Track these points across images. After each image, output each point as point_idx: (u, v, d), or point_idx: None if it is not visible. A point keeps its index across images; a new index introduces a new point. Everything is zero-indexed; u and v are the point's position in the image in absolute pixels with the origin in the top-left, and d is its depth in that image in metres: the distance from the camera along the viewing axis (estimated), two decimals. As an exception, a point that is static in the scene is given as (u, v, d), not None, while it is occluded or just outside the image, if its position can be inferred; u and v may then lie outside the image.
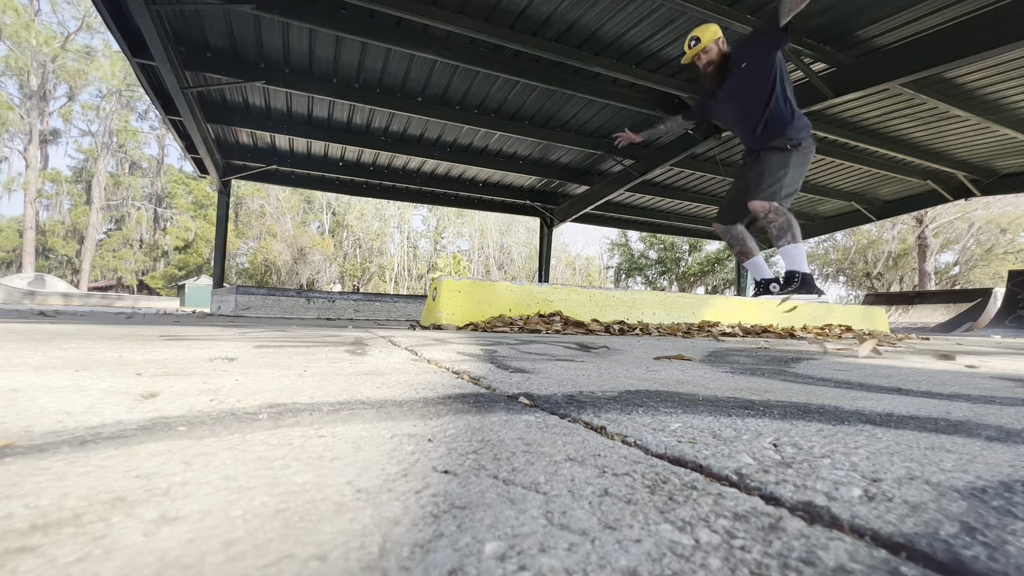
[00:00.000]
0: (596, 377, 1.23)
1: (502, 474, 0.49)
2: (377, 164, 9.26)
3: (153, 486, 0.44)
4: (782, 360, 1.87)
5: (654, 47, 5.39)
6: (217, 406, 0.77)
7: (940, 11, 4.57)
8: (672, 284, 32.81)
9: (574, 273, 47.65)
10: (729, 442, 0.64)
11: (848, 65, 5.22)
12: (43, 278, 20.73)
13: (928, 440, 0.67)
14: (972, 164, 8.35)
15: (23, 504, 0.39)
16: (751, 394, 1.04)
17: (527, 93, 6.64)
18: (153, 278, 35.44)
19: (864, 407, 0.92)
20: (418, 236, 46.79)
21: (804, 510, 0.43)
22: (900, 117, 6.76)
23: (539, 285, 3.97)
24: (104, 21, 4.66)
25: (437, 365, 1.39)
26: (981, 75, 5.56)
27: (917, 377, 1.42)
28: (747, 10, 4.59)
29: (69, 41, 30.46)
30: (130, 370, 1.10)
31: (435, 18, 4.73)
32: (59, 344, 1.58)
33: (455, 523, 0.38)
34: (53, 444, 0.55)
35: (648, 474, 0.51)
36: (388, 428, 0.67)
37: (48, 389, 0.86)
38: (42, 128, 31.07)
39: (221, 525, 0.36)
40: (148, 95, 6.18)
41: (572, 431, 0.69)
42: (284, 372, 1.15)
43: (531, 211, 11.47)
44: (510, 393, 0.97)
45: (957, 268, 25.73)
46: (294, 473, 0.48)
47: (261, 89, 6.44)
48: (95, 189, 32.76)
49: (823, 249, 28.68)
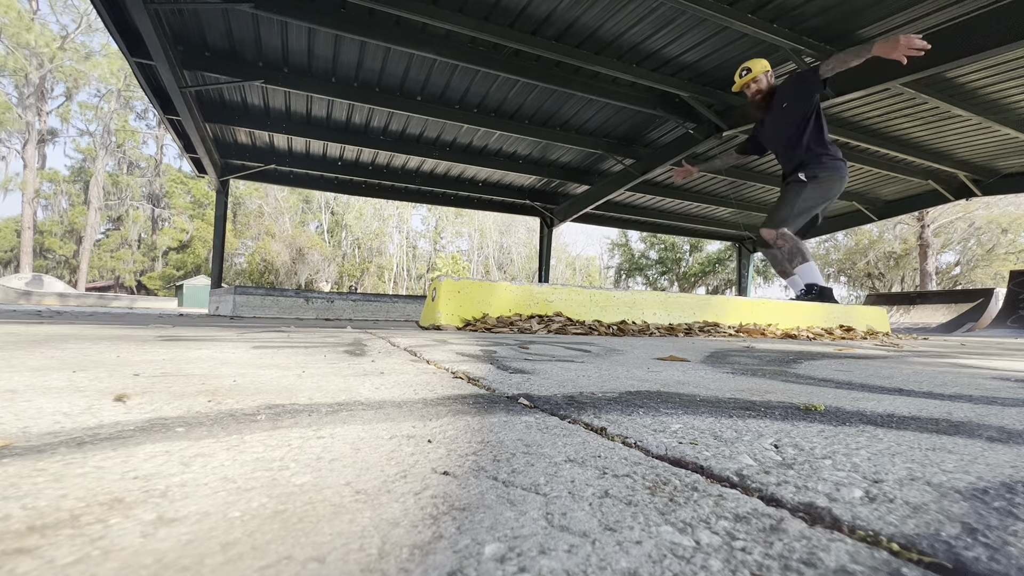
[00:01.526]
0: (596, 378, 1.23)
1: (502, 475, 0.49)
2: (376, 163, 9.26)
3: (151, 487, 0.44)
4: (783, 361, 1.87)
5: (654, 46, 5.39)
6: (215, 407, 0.77)
7: (940, 11, 4.57)
8: (673, 284, 32.82)
9: (574, 273, 47.66)
10: (730, 443, 0.64)
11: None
12: (40, 278, 20.72)
13: (929, 441, 0.67)
14: (973, 164, 8.36)
15: (20, 505, 0.39)
16: (752, 395, 1.04)
17: (527, 92, 6.64)
18: (151, 278, 35.42)
19: (865, 408, 0.92)
20: (417, 236, 46.83)
21: (805, 511, 0.42)
22: (901, 117, 6.76)
23: (539, 285, 3.97)
24: (102, 20, 4.65)
25: (436, 366, 1.39)
26: (982, 75, 5.56)
27: (918, 377, 1.42)
28: (747, 10, 4.59)
29: (68, 41, 30.43)
30: (128, 371, 1.10)
31: (434, 17, 4.73)
32: (57, 345, 1.57)
33: (454, 524, 0.38)
34: (51, 445, 0.55)
35: (649, 475, 0.51)
36: (387, 429, 0.67)
37: (46, 390, 0.85)
38: (40, 128, 31.04)
39: (219, 526, 0.36)
40: (146, 94, 6.17)
41: (572, 432, 0.68)
42: (282, 373, 1.15)
43: (531, 211, 11.47)
44: (510, 394, 0.97)
45: (958, 268, 25.75)
46: (292, 474, 0.48)
47: (260, 88, 6.43)
48: (93, 189, 32.75)
49: (824, 249, 28.69)
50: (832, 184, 4.14)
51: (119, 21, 4.78)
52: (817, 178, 4.10)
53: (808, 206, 4.16)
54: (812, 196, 4.13)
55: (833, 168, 4.12)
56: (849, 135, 7.14)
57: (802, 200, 4.12)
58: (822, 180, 4.11)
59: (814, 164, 4.12)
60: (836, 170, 4.14)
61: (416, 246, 46.16)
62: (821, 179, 4.10)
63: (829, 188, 4.14)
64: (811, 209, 4.19)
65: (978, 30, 4.38)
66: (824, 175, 4.11)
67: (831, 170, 4.12)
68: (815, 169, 4.11)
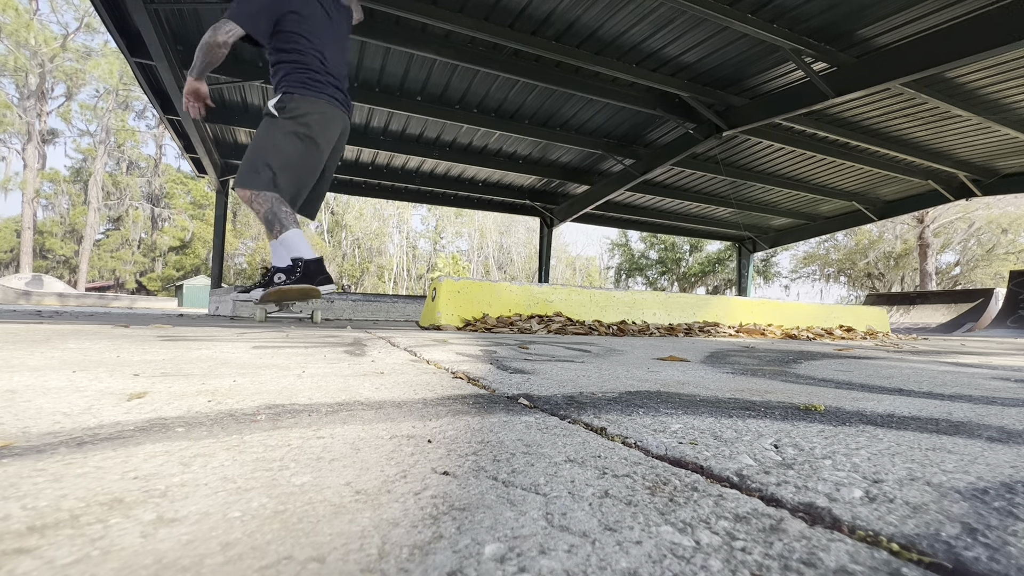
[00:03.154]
0: (596, 378, 1.23)
1: (502, 475, 0.49)
2: (376, 163, 9.26)
3: (151, 487, 0.44)
4: (783, 361, 1.87)
5: (654, 46, 5.39)
6: (215, 407, 0.77)
7: (941, 11, 4.57)
8: (673, 284, 32.82)
9: (574, 273, 47.66)
10: (730, 443, 0.64)
11: (849, 65, 5.22)
12: (40, 278, 20.72)
13: (929, 441, 0.67)
14: (973, 164, 8.36)
15: (20, 505, 0.39)
16: (752, 395, 1.04)
17: (527, 92, 6.64)
18: (151, 279, 35.41)
19: (865, 408, 0.92)
20: (417, 236, 46.83)
21: (805, 511, 0.42)
22: (901, 117, 6.76)
23: (539, 285, 3.97)
24: (102, 20, 4.65)
25: (436, 366, 1.39)
26: (982, 75, 5.56)
27: (918, 377, 1.42)
28: (747, 10, 4.59)
29: (68, 41, 30.44)
30: (128, 371, 1.10)
31: (434, 17, 4.73)
32: (56, 344, 1.57)
33: (454, 525, 0.38)
34: (51, 445, 0.55)
35: (649, 475, 0.51)
36: (387, 429, 0.67)
37: (45, 390, 0.85)
38: (40, 128, 31.05)
39: (219, 527, 0.36)
40: (146, 94, 6.18)
41: (572, 432, 0.68)
42: (282, 373, 1.15)
43: (531, 211, 11.47)
44: (510, 394, 0.97)
45: (958, 268, 25.76)
46: (292, 474, 0.48)
47: (260, 88, 6.43)
48: (92, 189, 32.74)
49: (824, 249, 28.70)
50: (307, 116, 2.72)
51: (119, 21, 4.78)
52: (286, 108, 2.70)
53: (285, 147, 2.71)
54: (287, 134, 2.71)
55: (300, 87, 2.73)
56: (849, 135, 7.14)
57: (274, 141, 2.70)
58: (292, 110, 2.72)
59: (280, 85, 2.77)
60: (308, 90, 2.74)
61: (416, 246, 46.18)
62: (290, 108, 2.71)
63: (304, 122, 2.73)
64: (291, 155, 2.72)
65: (978, 30, 4.38)
66: (294, 103, 2.71)
67: (299, 89, 2.73)
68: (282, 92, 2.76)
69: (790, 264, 32.34)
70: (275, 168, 2.66)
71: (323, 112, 2.74)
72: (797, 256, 30.39)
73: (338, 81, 2.86)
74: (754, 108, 6.19)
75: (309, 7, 2.78)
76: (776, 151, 8.30)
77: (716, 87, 6.15)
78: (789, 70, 5.71)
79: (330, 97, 2.79)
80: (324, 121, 2.76)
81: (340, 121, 2.86)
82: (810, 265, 29.67)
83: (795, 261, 30.63)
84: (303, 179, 2.79)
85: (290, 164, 2.70)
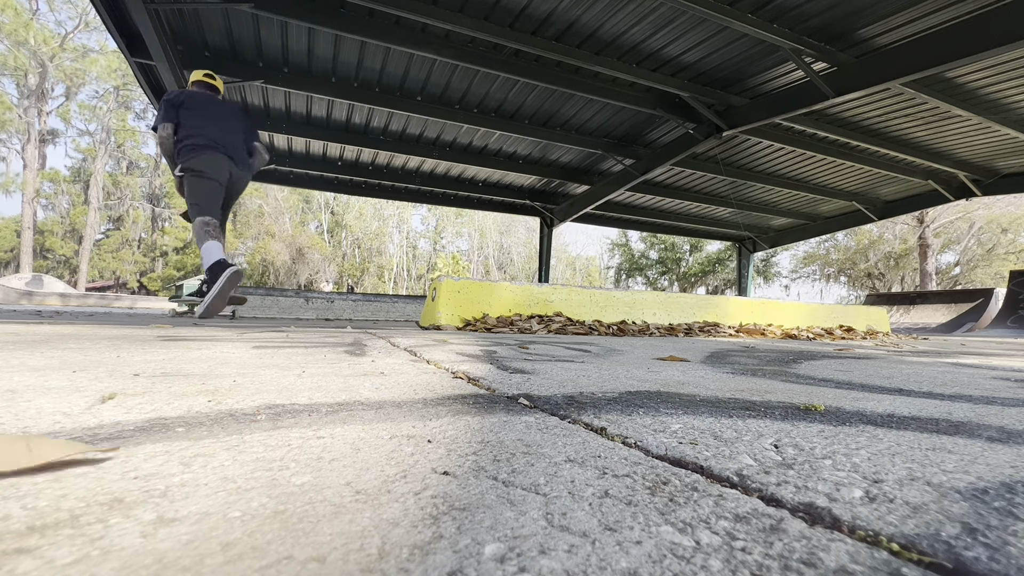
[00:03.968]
0: (596, 378, 1.23)
1: (502, 475, 0.49)
2: (376, 163, 9.26)
3: (151, 487, 0.44)
4: (783, 360, 1.87)
5: (654, 46, 5.39)
6: (215, 407, 0.77)
7: (940, 11, 4.57)
8: (673, 284, 32.82)
9: (574, 273, 47.66)
10: (730, 443, 0.64)
11: (849, 65, 5.22)
12: (41, 278, 20.71)
13: (929, 441, 0.67)
14: (973, 164, 8.36)
15: (20, 505, 0.39)
16: (752, 395, 1.04)
17: (527, 92, 6.64)
18: (151, 279, 35.42)
19: (865, 408, 0.92)
20: (417, 236, 46.81)
21: (805, 511, 0.42)
22: (901, 117, 6.76)
23: (539, 285, 3.97)
24: (102, 20, 4.65)
25: (436, 366, 1.39)
26: (982, 75, 5.56)
27: (918, 377, 1.42)
28: (747, 10, 4.59)
29: (67, 40, 30.45)
30: (128, 370, 1.10)
31: (434, 17, 4.73)
32: (57, 345, 1.57)
33: (454, 525, 0.38)
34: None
35: (649, 475, 0.51)
36: (387, 429, 0.67)
37: (46, 390, 0.85)
38: (40, 128, 31.05)
39: (219, 526, 0.36)
40: (146, 94, 6.18)
41: (572, 432, 0.68)
42: (282, 373, 1.15)
43: (531, 211, 11.47)
44: (510, 394, 0.97)
45: (958, 268, 25.76)
46: (292, 474, 0.48)
47: (259, 88, 6.43)
48: (93, 189, 32.75)
49: (824, 249, 28.70)
50: (201, 174, 3.86)
51: (119, 21, 4.78)
52: (184, 168, 3.86)
53: (198, 193, 3.90)
54: (193, 187, 3.89)
55: (192, 156, 3.86)
56: (849, 135, 7.14)
57: (189, 194, 3.90)
58: (193, 174, 3.86)
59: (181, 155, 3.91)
60: (197, 157, 3.87)
61: (416, 246, 46.17)
62: (193, 173, 3.86)
63: (201, 178, 3.88)
64: (205, 195, 3.92)
65: (978, 30, 4.38)
66: (191, 168, 3.87)
67: (191, 158, 3.87)
68: (183, 162, 3.90)
69: (790, 264, 32.35)
70: (197, 203, 3.87)
71: (209, 158, 3.89)
72: (797, 256, 30.41)
73: (223, 145, 3.98)
74: (754, 108, 6.19)
75: (192, 99, 3.99)
76: (776, 151, 8.30)
77: (716, 87, 6.15)
78: (789, 70, 5.71)
79: (212, 151, 3.91)
80: (211, 162, 3.89)
81: (225, 162, 3.97)
82: (810, 265, 29.68)
83: (795, 261, 30.64)
84: (213, 202, 3.97)
85: (201, 196, 3.89)
